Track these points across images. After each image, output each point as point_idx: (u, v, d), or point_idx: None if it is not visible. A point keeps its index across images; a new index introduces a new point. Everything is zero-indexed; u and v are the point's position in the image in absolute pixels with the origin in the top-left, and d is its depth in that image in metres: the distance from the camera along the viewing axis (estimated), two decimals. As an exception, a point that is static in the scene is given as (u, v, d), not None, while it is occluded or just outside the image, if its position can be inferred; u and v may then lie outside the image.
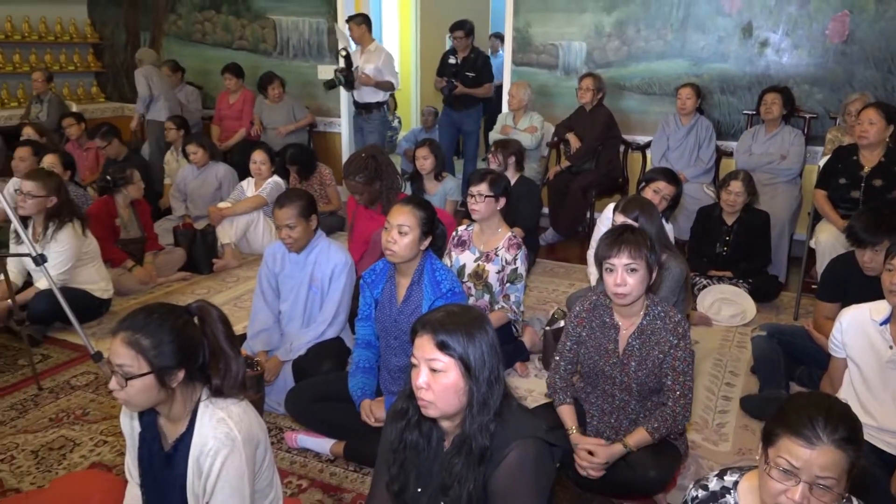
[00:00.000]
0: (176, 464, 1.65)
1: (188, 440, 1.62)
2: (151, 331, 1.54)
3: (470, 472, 1.55)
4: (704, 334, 3.75)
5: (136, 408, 1.62)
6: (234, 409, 1.64)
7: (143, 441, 1.72)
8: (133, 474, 1.78)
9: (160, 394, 1.57)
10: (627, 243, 2.13)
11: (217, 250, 4.84)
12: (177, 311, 1.62)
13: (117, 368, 1.53)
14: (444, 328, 1.54)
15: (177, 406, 1.62)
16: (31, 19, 7.12)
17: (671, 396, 2.21)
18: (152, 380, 1.53)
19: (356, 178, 3.66)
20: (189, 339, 1.59)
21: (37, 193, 3.49)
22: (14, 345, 3.52)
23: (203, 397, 1.64)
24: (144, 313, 1.58)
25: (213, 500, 1.60)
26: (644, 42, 5.42)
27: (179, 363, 1.56)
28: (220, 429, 1.59)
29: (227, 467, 1.58)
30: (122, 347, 1.53)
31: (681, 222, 4.61)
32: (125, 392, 1.54)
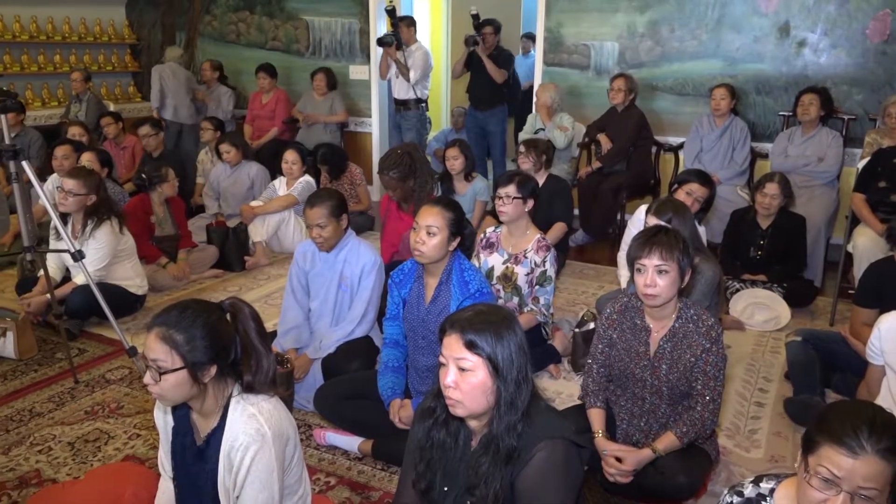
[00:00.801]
0: (208, 458, 1.68)
1: (219, 435, 1.64)
2: (185, 327, 1.56)
3: (497, 471, 1.55)
4: (737, 339, 3.69)
5: (169, 402, 1.65)
6: (265, 405, 1.66)
7: (176, 435, 1.75)
8: (166, 468, 1.81)
9: (193, 389, 1.59)
10: (659, 244, 2.10)
11: (249, 248, 4.90)
12: (210, 308, 1.63)
13: (152, 363, 1.56)
14: (472, 327, 1.54)
15: (209, 401, 1.64)
16: (71, 20, 7.28)
17: (700, 401, 2.18)
18: (185, 375, 1.56)
19: (390, 173, 3.69)
20: (221, 335, 1.61)
21: (77, 191, 3.57)
22: (52, 338, 3.61)
23: (234, 393, 1.66)
24: (178, 309, 1.60)
25: (242, 494, 1.62)
26: (678, 42, 5.36)
27: (212, 359, 1.58)
28: (251, 424, 1.60)
29: (256, 462, 1.60)
30: (157, 343, 1.55)
31: (714, 225, 4.54)
32: (159, 386, 1.56)
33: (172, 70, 6.75)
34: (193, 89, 6.89)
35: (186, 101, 6.79)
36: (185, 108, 6.80)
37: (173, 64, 6.79)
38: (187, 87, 6.81)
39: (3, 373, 3.27)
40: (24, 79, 6.90)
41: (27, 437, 2.75)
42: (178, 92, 6.73)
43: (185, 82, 6.79)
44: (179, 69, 6.82)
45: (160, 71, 6.70)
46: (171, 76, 6.72)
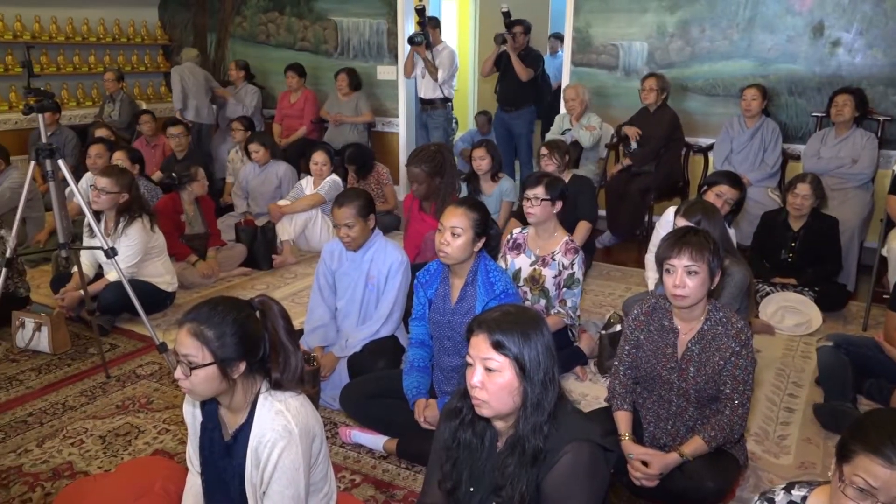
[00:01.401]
0: (235, 454, 1.70)
1: (247, 431, 1.66)
2: (215, 323, 1.58)
3: (523, 472, 1.54)
4: (767, 343, 3.64)
5: (199, 397, 1.66)
6: (292, 402, 1.67)
7: (205, 430, 1.77)
8: (194, 463, 1.84)
9: (222, 384, 1.61)
10: (689, 245, 2.09)
11: (276, 247, 4.95)
12: (240, 305, 1.66)
13: (182, 358, 1.58)
14: (499, 328, 1.54)
15: (237, 397, 1.67)
16: (105, 21, 7.42)
17: (729, 405, 2.15)
18: (215, 370, 1.58)
19: (420, 166, 3.71)
20: (251, 332, 1.63)
21: (110, 189, 3.64)
22: (85, 334, 3.68)
23: (262, 389, 1.68)
24: (209, 306, 1.62)
25: (269, 490, 1.64)
26: (708, 42, 5.29)
27: (241, 355, 1.60)
28: (278, 421, 1.62)
29: (283, 459, 1.61)
30: (188, 338, 1.58)
31: (743, 227, 4.48)
32: (189, 381, 1.59)
33: (191, 70, 6.87)
34: (212, 88, 6.99)
35: (206, 101, 6.91)
36: (205, 108, 6.93)
37: (191, 64, 6.90)
38: (206, 86, 6.93)
39: (38, 367, 3.35)
40: (60, 79, 7.04)
41: (60, 430, 2.81)
42: (199, 92, 6.85)
43: (203, 82, 6.91)
44: (197, 69, 6.93)
45: (180, 72, 6.81)
46: (190, 76, 6.83)
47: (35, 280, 4.27)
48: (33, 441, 2.73)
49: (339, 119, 6.34)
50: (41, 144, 2.65)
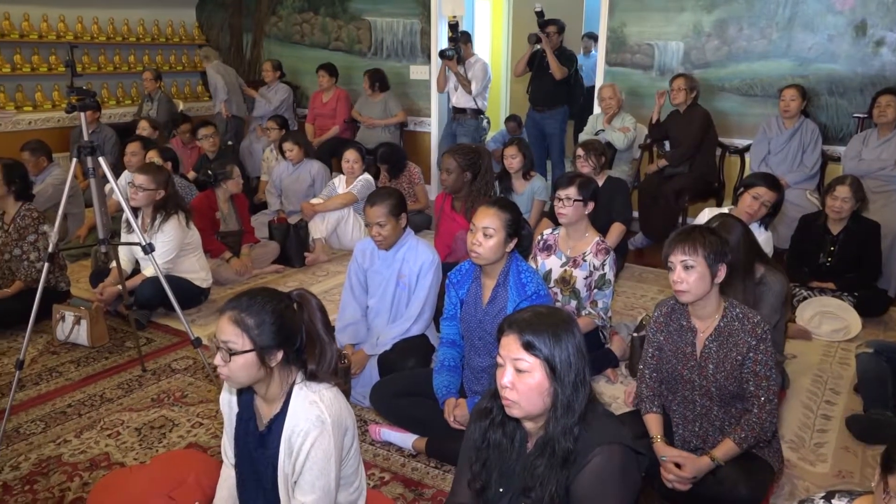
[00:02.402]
0: (269, 444, 1.73)
1: (281, 420, 1.69)
2: (255, 311, 1.62)
3: (552, 474, 1.54)
4: (803, 348, 3.57)
5: (236, 384, 1.70)
6: (326, 393, 1.70)
7: (240, 421, 1.80)
8: (228, 454, 1.86)
9: (260, 372, 1.64)
10: (683, 241, 2.11)
11: (309, 245, 5.00)
12: (279, 296, 1.70)
13: (222, 345, 1.62)
14: (530, 328, 1.53)
15: (273, 386, 1.70)
16: (145, 22, 7.57)
17: (756, 403, 2.13)
18: (254, 357, 1.62)
19: (455, 156, 3.73)
20: (289, 321, 1.67)
21: (147, 186, 3.71)
22: (122, 328, 3.76)
23: (298, 380, 1.71)
24: (249, 296, 1.67)
25: (300, 480, 1.66)
26: (746, 41, 5.21)
27: (279, 343, 1.64)
28: (312, 411, 1.65)
29: (315, 448, 1.64)
30: (229, 325, 1.62)
31: (781, 230, 4.40)
32: (228, 368, 1.62)
33: (224, 68, 7.04)
34: (240, 86, 7.13)
35: (241, 98, 7.06)
36: (242, 105, 7.08)
37: (220, 63, 7.03)
38: (237, 83, 7.07)
39: (77, 359, 3.43)
40: (101, 78, 7.20)
41: (98, 421, 2.87)
42: (235, 88, 7.00)
43: (236, 79, 7.08)
44: (228, 67, 7.10)
45: (216, 68, 6.94)
46: (226, 73, 6.96)
47: (75, 275, 4.36)
48: (72, 431, 2.79)
49: (370, 123, 6.36)
50: (83, 142, 2.70)
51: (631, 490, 1.58)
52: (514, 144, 4.65)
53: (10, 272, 3.70)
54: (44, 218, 3.76)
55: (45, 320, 3.59)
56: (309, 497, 1.66)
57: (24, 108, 6.62)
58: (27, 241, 3.64)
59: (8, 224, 3.69)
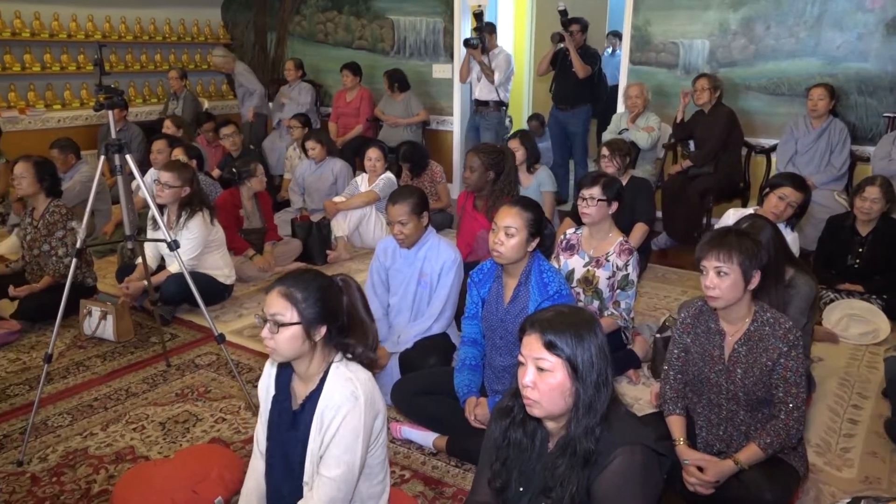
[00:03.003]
0: (301, 423, 1.77)
1: (316, 398, 1.75)
2: (303, 287, 1.71)
3: (573, 474, 1.53)
4: (830, 352, 3.51)
5: (281, 357, 1.75)
6: (362, 374, 1.76)
7: (276, 403, 1.85)
8: (260, 441, 1.89)
9: (304, 346, 1.71)
10: (718, 246, 2.07)
11: (331, 242, 5.02)
12: (325, 276, 1.80)
13: (270, 317, 1.69)
14: (552, 328, 1.53)
15: (314, 364, 1.76)
16: (171, 21, 7.66)
17: (783, 409, 2.09)
18: (300, 330, 1.69)
19: (479, 154, 3.74)
20: (333, 299, 1.76)
21: (173, 184, 3.75)
22: (147, 323, 3.81)
23: (336, 360, 1.78)
24: (298, 273, 1.78)
25: (326, 454, 1.70)
26: (773, 40, 5.14)
27: (323, 319, 1.72)
28: (347, 387, 1.71)
29: (345, 423, 1.68)
30: (278, 298, 1.70)
31: (808, 232, 4.34)
32: (275, 340, 1.70)
33: (245, 67, 7.15)
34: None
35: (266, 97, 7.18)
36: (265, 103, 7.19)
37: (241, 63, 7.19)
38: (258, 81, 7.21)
39: (103, 354, 3.48)
40: (128, 77, 7.30)
41: (123, 415, 2.91)
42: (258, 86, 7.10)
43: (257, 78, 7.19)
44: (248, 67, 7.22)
45: (243, 67, 7.02)
46: (251, 72, 7.06)
47: (101, 270, 4.43)
48: (98, 425, 2.84)
49: (393, 122, 6.40)
50: (110, 140, 2.73)
51: (652, 492, 1.56)
52: (515, 137, 4.64)
53: (39, 267, 3.77)
54: (72, 214, 3.81)
55: (73, 315, 3.64)
56: (334, 471, 1.69)
57: (54, 107, 6.74)
58: (56, 237, 3.70)
59: (37, 220, 3.75)
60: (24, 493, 2.40)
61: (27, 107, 6.54)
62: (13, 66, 6.46)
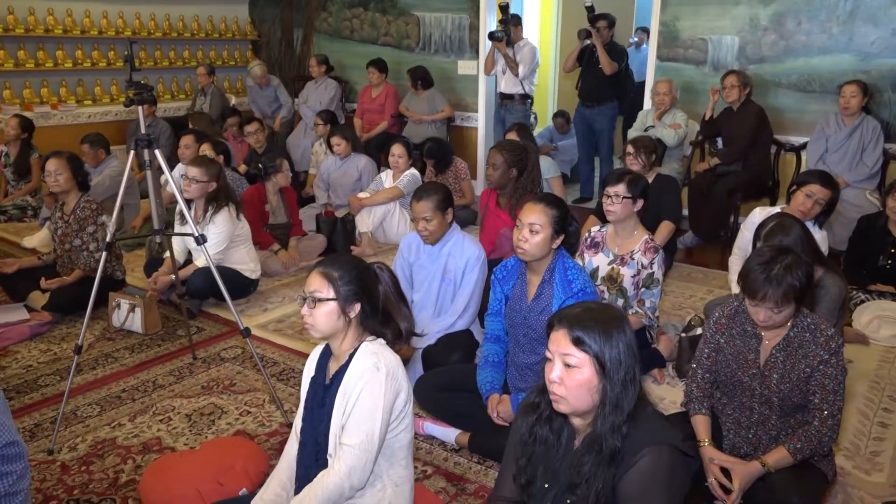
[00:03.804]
0: (328, 399, 1.85)
1: (343, 372, 1.83)
2: (340, 266, 1.84)
3: (599, 472, 1.53)
4: (860, 354, 3.45)
5: (318, 333, 1.84)
6: (389, 354, 1.84)
7: (312, 383, 1.94)
8: (296, 424, 1.96)
9: (339, 322, 1.81)
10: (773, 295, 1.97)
11: (355, 238, 5.05)
12: (362, 261, 1.94)
13: (309, 294, 1.81)
14: (580, 324, 1.52)
15: (347, 341, 1.86)
16: (199, 18, 7.74)
17: (818, 416, 2.05)
18: (336, 306, 1.80)
19: (502, 151, 3.73)
20: (368, 280, 1.87)
21: (199, 179, 3.80)
22: (175, 316, 3.86)
23: (368, 339, 1.87)
24: (337, 255, 1.95)
25: (348, 423, 1.77)
26: (805, 36, 5.05)
27: (358, 297, 1.82)
28: (371, 359, 1.80)
29: (365, 392, 1.76)
30: (317, 277, 1.82)
31: (839, 231, 4.26)
32: (313, 316, 1.80)
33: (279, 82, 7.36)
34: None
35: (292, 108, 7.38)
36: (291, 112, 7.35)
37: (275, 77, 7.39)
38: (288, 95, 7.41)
39: (131, 346, 3.54)
40: (156, 73, 7.40)
41: (150, 406, 2.96)
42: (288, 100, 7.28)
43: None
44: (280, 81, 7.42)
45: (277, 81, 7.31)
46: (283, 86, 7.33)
47: (130, 264, 4.50)
48: (126, 416, 2.88)
49: (418, 118, 6.42)
50: (140, 135, 2.77)
51: (678, 493, 1.55)
52: (513, 130, 4.64)
53: (70, 261, 3.84)
54: (102, 209, 3.87)
55: (102, 307, 3.70)
56: (354, 439, 1.75)
57: (85, 102, 6.85)
58: (86, 233, 3.76)
59: (68, 215, 3.81)
60: (55, 482, 2.45)
61: (59, 102, 6.66)
62: (46, 63, 6.58)
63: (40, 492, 2.39)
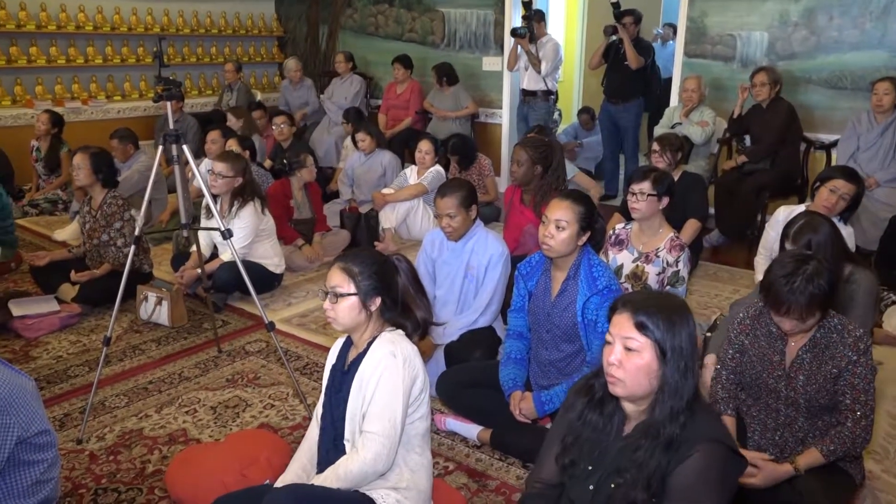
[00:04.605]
0: (345, 384, 1.91)
1: (360, 360, 1.89)
2: (360, 262, 1.89)
3: (653, 459, 1.52)
4: (889, 355, 3.38)
5: (340, 326, 1.90)
6: (405, 344, 1.90)
7: (333, 371, 2.00)
8: (318, 410, 2.01)
9: (360, 315, 1.88)
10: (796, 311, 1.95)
11: (379, 234, 5.06)
12: (381, 254, 2.00)
13: (331, 289, 1.87)
14: (644, 309, 1.54)
15: (366, 333, 1.92)
16: (227, 14, 7.81)
17: (851, 417, 2.02)
18: (357, 301, 1.86)
19: (527, 148, 3.73)
20: (387, 274, 1.93)
21: (226, 174, 3.83)
22: (200, 310, 3.91)
23: (387, 330, 1.93)
24: (356, 250, 1.98)
25: (369, 411, 1.81)
26: (837, 31, 4.95)
27: (378, 291, 1.88)
28: (387, 347, 1.86)
29: (384, 379, 1.81)
30: (338, 272, 1.88)
31: (868, 230, 4.19)
32: (335, 310, 1.87)
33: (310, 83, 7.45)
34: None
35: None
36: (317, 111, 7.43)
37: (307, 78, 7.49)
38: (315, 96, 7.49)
39: (158, 338, 3.58)
40: (184, 69, 7.49)
41: (176, 398, 3.00)
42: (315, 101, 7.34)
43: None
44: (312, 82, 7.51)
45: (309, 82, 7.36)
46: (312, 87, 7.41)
47: (157, 258, 4.55)
48: (153, 407, 2.93)
49: (442, 115, 6.42)
50: (168, 130, 2.80)
51: (728, 493, 1.54)
52: (533, 132, 4.69)
53: (99, 255, 3.90)
54: (128, 205, 3.93)
55: (130, 300, 3.76)
56: (376, 426, 1.80)
57: (114, 98, 6.96)
58: (114, 228, 3.82)
59: (95, 210, 3.87)
60: (83, 471, 2.49)
61: (89, 98, 6.77)
62: (77, 59, 6.69)
63: (69, 480, 2.43)
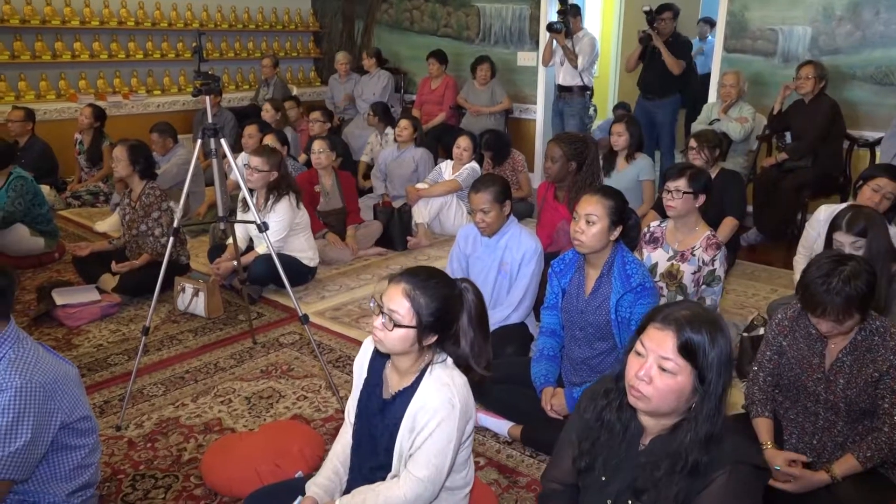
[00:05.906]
0: (391, 413, 1.78)
1: (409, 395, 1.74)
2: (430, 293, 1.68)
3: (673, 482, 1.45)
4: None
5: (385, 350, 1.74)
6: (458, 379, 1.74)
7: (367, 386, 1.87)
8: (350, 414, 1.92)
9: (412, 347, 1.70)
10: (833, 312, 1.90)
11: (412, 229, 5.08)
12: (451, 283, 1.76)
13: (389, 312, 1.67)
14: (690, 327, 1.42)
15: (414, 364, 1.75)
16: (264, 9, 7.90)
17: (888, 421, 1.97)
18: (413, 334, 1.67)
19: (561, 145, 3.70)
20: (452, 311, 1.73)
21: (262, 168, 3.88)
22: (236, 301, 3.97)
23: (437, 360, 1.76)
24: (427, 274, 1.73)
25: (417, 453, 1.70)
26: (883, 26, 4.82)
27: (436, 329, 1.70)
28: (444, 392, 1.70)
29: (440, 429, 1.68)
30: (401, 297, 1.68)
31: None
32: (386, 335, 1.68)
33: None
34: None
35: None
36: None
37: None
38: None
39: (194, 329, 3.65)
40: (221, 64, 7.59)
41: (212, 388, 3.05)
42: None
43: None
44: None
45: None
46: None
47: (194, 250, 4.63)
48: (189, 396, 2.98)
49: (476, 110, 6.40)
50: (207, 124, 2.84)
51: None
52: (622, 122, 4.60)
53: (138, 246, 3.98)
54: (166, 196, 4.00)
55: (168, 291, 3.83)
56: (423, 472, 1.69)
57: (154, 92, 7.09)
58: (152, 218, 3.89)
59: (134, 201, 3.95)
60: (122, 457, 2.55)
61: (130, 92, 6.91)
62: (119, 54, 6.83)
63: (108, 465, 2.49)
